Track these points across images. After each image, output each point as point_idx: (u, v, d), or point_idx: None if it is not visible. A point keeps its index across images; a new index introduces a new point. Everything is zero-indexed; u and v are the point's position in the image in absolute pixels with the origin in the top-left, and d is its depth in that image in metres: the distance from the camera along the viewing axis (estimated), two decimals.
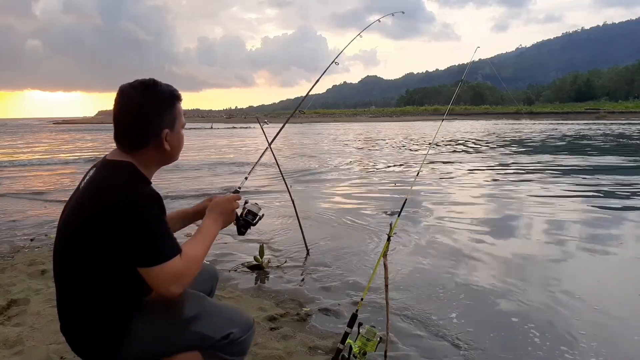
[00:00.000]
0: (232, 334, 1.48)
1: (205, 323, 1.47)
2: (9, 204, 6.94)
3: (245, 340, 1.52)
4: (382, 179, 9.25)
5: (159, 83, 1.48)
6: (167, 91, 1.48)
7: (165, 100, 1.47)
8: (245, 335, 1.52)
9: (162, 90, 1.47)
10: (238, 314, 1.58)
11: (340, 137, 27.99)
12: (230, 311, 1.59)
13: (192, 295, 1.53)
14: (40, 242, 4.62)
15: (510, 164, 11.70)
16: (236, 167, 12.19)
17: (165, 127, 1.46)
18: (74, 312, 1.42)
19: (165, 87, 1.49)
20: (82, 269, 1.37)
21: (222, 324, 1.49)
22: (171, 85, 1.53)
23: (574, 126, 37.74)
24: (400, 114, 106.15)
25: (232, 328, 1.49)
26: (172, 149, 1.51)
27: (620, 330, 2.69)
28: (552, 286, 3.33)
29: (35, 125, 66.71)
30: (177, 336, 1.45)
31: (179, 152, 1.56)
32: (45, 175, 10.81)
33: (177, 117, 1.50)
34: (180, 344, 1.45)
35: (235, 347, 1.50)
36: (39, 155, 16.79)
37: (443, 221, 5.42)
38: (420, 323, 2.74)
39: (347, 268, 3.75)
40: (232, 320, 1.52)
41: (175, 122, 1.50)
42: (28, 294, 3.07)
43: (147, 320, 1.44)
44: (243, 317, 1.57)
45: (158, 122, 1.45)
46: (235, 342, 1.49)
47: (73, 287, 1.41)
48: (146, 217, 1.32)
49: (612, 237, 4.70)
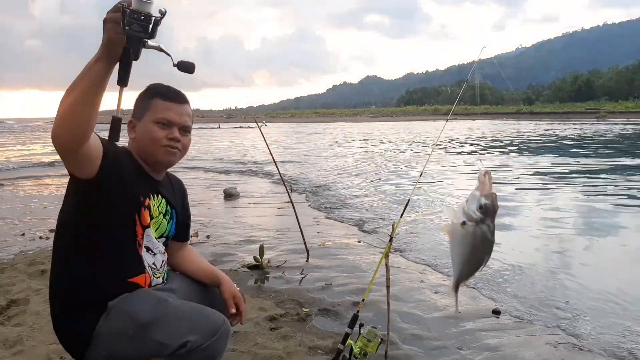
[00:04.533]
0: (189, 343, 1.39)
1: (162, 330, 1.42)
2: (9, 203, 6.94)
3: (208, 347, 1.43)
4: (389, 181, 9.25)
5: (157, 84, 1.64)
6: (150, 87, 1.63)
7: (143, 93, 1.63)
8: (208, 341, 1.42)
9: (150, 86, 1.63)
10: (202, 319, 1.49)
11: (341, 140, 27.94)
12: (194, 315, 1.50)
13: (153, 299, 1.50)
14: (41, 242, 4.61)
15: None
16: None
17: (133, 117, 1.62)
18: (52, 307, 1.57)
19: (154, 85, 1.64)
20: (57, 255, 1.55)
21: (180, 331, 1.42)
22: (172, 86, 1.64)
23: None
24: (401, 114, 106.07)
25: (189, 336, 1.41)
26: (137, 138, 1.61)
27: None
28: (556, 288, 3.32)
29: (39, 126, 66.69)
30: (136, 343, 1.44)
31: (149, 143, 1.58)
32: (52, 175, 10.81)
33: (149, 110, 1.59)
34: (140, 350, 1.45)
35: (196, 355, 1.41)
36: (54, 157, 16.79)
37: (446, 220, 5.41)
38: (421, 323, 2.73)
39: (347, 268, 3.75)
40: (192, 327, 1.44)
41: (145, 114, 1.59)
42: (28, 294, 3.06)
43: (108, 324, 1.47)
44: (209, 322, 1.48)
45: (133, 111, 1.63)
46: (196, 350, 1.41)
47: (51, 282, 1.57)
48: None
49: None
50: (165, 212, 1.72)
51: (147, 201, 1.61)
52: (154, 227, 1.66)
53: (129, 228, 1.56)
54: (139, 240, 1.59)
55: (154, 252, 1.66)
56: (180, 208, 1.81)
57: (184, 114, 1.62)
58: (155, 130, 1.56)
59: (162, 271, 1.72)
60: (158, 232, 1.69)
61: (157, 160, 1.61)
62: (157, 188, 1.68)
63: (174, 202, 1.77)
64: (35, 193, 7.99)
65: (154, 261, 1.67)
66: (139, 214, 1.57)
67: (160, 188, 1.70)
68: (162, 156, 1.60)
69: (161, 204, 1.69)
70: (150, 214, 1.63)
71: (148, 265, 1.63)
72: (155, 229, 1.66)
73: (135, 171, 1.60)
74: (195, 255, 1.91)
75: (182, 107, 1.62)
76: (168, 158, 1.61)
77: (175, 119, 1.59)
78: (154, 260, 1.66)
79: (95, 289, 1.50)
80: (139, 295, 1.53)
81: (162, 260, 1.72)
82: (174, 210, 1.77)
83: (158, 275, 1.68)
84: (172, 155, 1.61)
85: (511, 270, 3.67)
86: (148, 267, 1.63)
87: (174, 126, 1.59)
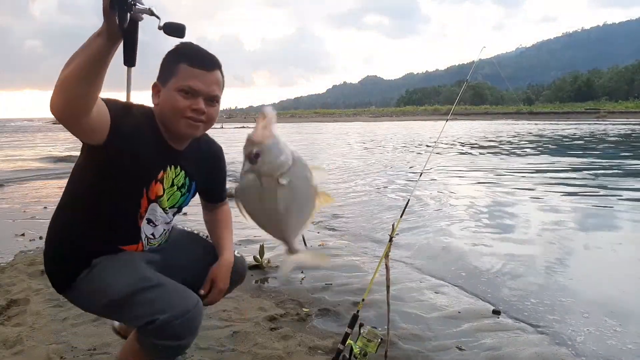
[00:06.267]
0: (157, 320, 1.38)
1: (136, 305, 1.44)
2: (9, 203, 6.93)
3: (178, 325, 1.40)
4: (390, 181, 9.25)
5: (186, 43, 1.48)
6: (178, 47, 1.48)
7: (170, 53, 1.49)
8: (177, 320, 1.39)
9: (178, 46, 1.48)
10: (175, 299, 1.45)
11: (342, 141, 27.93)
12: (167, 295, 1.47)
13: (133, 273, 1.51)
14: (41, 242, 4.61)
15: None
16: None
17: (158, 80, 1.51)
18: (45, 247, 1.62)
19: (182, 45, 1.48)
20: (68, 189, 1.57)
21: (152, 308, 1.41)
22: (203, 49, 1.50)
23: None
24: (400, 114, 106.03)
25: (159, 314, 1.39)
26: (160, 105, 1.50)
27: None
28: (556, 288, 3.32)
29: (43, 126, 66.67)
30: (107, 309, 1.53)
31: (170, 113, 1.47)
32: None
33: (175, 75, 1.45)
34: (109, 315, 1.57)
35: (165, 332, 1.39)
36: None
37: (447, 221, 5.41)
38: (421, 323, 2.73)
39: (347, 268, 3.75)
40: (164, 306, 1.42)
41: (170, 79, 1.46)
42: (28, 294, 3.06)
43: (87, 282, 1.51)
44: (181, 302, 1.45)
45: (158, 74, 1.51)
46: (164, 326, 1.39)
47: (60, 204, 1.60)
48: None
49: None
50: (181, 184, 1.66)
51: (160, 174, 1.55)
52: (167, 197, 1.62)
53: (133, 200, 1.53)
54: (141, 213, 1.57)
55: (155, 223, 1.64)
56: (205, 176, 1.74)
57: (212, 83, 1.48)
58: (178, 99, 1.44)
59: (160, 240, 1.72)
60: (170, 203, 1.65)
61: (177, 131, 1.51)
62: (177, 159, 1.60)
63: (197, 172, 1.69)
64: (35, 193, 7.98)
65: (153, 232, 1.65)
66: (147, 188, 1.53)
67: (181, 159, 1.61)
68: (183, 128, 1.49)
69: (178, 176, 1.63)
70: (163, 187, 1.58)
71: (145, 236, 1.63)
72: (167, 199, 1.62)
73: (154, 141, 1.51)
74: (218, 221, 1.86)
75: (211, 75, 1.48)
76: (189, 131, 1.51)
77: (201, 88, 1.46)
78: (153, 231, 1.65)
79: (85, 245, 1.54)
80: (120, 264, 1.54)
81: (164, 229, 1.70)
82: (193, 182, 1.70)
83: (154, 244, 1.68)
84: (195, 128, 1.50)
85: (511, 271, 3.67)
86: (144, 238, 1.63)
87: (199, 96, 1.46)
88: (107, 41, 1.09)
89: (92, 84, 1.14)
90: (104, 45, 1.10)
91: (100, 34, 1.09)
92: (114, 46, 1.12)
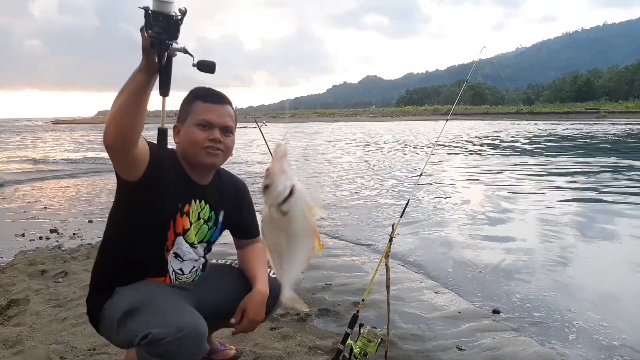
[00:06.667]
0: (150, 334, 1.38)
1: (135, 319, 1.47)
2: (9, 203, 6.93)
3: (168, 343, 1.38)
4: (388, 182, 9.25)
5: (199, 87, 1.67)
6: (192, 90, 1.66)
7: (186, 97, 1.66)
8: (168, 337, 1.38)
9: (192, 90, 1.66)
10: (173, 316, 1.45)
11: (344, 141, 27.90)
12: (168, 311, 1.47)
13: (144, 290, 1.57)
14: (41, 242, 4.61)
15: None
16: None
17: (177, 122, 1.65)
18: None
19: (195, 89, 1.66)
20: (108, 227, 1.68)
21: (148, 323, 1.42)
22: (213, 88, 1.67)
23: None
24: (400, 114, 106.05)
25: (153, 328, 1.39)
26: (181, 142, 1.63)
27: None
28: (558, 288, 3.32)
29: (47, 126, 66.68)
30: (120, 329, 1.53)
31: (190, 146, 1.60)
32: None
33: (192, 113, 1.61)
34: (122, 337, 1.53)
35: (156, 349, 1.38)
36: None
37: (447, 221, 5.41)
38: (421, 323, 2.73)
39: (347, 268, 3.75)
40: (160, 321, 1.42)
41: (187, 118, 1.61)
42: (28, 294, 3.06)
43: (109, 307, 1.59)
44: (178, 320, 1.44)
45: (177, 117, 1.65)
46: (156, 344, 1.38)
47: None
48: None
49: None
50: (207, 218, 1.74)
51: (186, 207, 1.65)
52: (194, 231, 1.70)
53: (160, 233, 1.62)
54: (167, 245, 1.65)
55: (182, 258, 1.70)
56: (232, 210, 1.81)
57: (224, 115, 1.63)
58: (196, 132, 1.59)
59: (191, 277, 1.75)
60: (198, 237, 1.73)
61: (199, 163, 1.62)
62: (201, 193, 1.70)
63: (221, 206, 1.78)
64: (35, 193, 7.98)
65: (181, 267, 1.71)
66: (174, 220, 1.63)
67: (205, 193, 1.71)
68: (204, 158, 1.61)
69: (204, 209, 1.72)
70: (190, 220, 1.67)
71: (172, 270, 1.69)
72: (195, 233, 1.71)
73: (178, 176, 1.63)
74: (250, 257, 1.86)
75: (222, 108, 1.63)
76: (210, 160, 1.62)
77: (216, 120, 1.60)
78: (181, 266, 1.70)
79: (115, 278, 1.62)
80: (136, 286, 1.61)
81: (193, 266, 1.75)
82: (220, 216, 1.78)
83: (183, 280, 1.71)
84: (214, 156, 1.62)
85: (511, 271, 3.67)
86: (172, 272, 1.68)
87: (215, 127, 1.60)
88: (147, 75, 1.25)
89: (137, 115, 1.29)
90: (145, 79, 1.25)
91: (140, 70, 1.25)
92: (152, 79, 1.27)
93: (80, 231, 4.98)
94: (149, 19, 1.14)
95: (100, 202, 6.95)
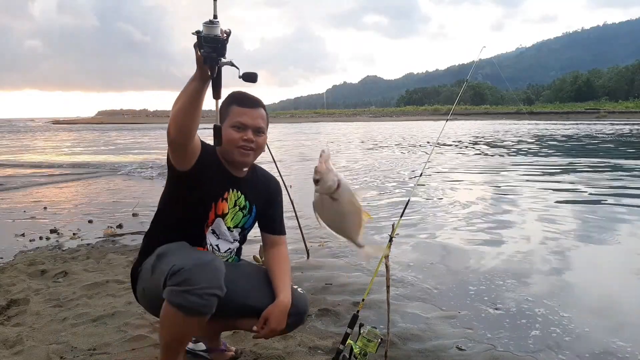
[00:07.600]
0: (174, 266, 1.59)
1: (165, 260, 1.69)
2: (9, 203, 6.94)
3: (187, 272, 1.57)
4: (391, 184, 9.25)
5: (235, 92, 1.89)
6: (230, 95, 1.88)
7: (224, 101, 1.85)
8: (187, 267, 1.58)
9: (230, 94, 1.87)
10: (194, 255, 1.68)
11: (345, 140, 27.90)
12: (193, 253, 1.73)
13: (179, 243, 1.80)
14: (41, 242, 4.62)
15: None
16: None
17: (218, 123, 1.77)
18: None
19: (232, 93, 1.88)
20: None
21: (176, 261, 1.61)
22: (248, 93, 1.89)
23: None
24: (400, 113, 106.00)
25: (176, 262, 1.60)
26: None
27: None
28: (559, 288, 3.32)
29: (51, 126, 66.67)
30: (155, 274, 1.71)
31: (227, 145, 1.80)
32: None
33: (229, 115, 1.83)
34: (156, 283, 1.66)
35: (177, 278, 1.58)
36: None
37: (447, 221, 5.41)
38: (422, 323, 2.74)
39: (347, 268, 3.75)
40: (184, 257, 1.63)
41: (226, 119, 1.82)
42: (28, 294, 3.06)
43: (147, 262, 1.81)
44: (197, 256, 1.67)
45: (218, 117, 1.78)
46: (177, 273, 1.58)
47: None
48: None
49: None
50: (243, 206, 1.97)
51: (225, 194, 1.90)
52: (230, 216, 1.94)
53: (203, 212, 1.86)
54: (208, 222, 1.88)
55: (219, 236, 1.94)
56: (262, 203, 2.04)
57: (257, 117, 1.86)
58: (232, 133, 1.82)
59: (226, 256, 1.97)
60: (233, 222, 1.96)
61: (233, 160, 1.86)
62: (237, 184, 1.94)
63: (255, 197, 2.01)
64: (35, 194, 7.99)
65: (218, 243, 1.94)
66: (216, 203, 1.87)
67: (241, 185, 1.95)
68: (237, 156, 1.85)
69: (239, 198, 1.95)
70: (228, 206, 1.91)
71: (210, 243, 1.91)
72: (231, 218, 1.94)
73: (218, 168, 1.88)
74: (275, 264, 2.00)
75: (255, 111, 1.85)
76: (242, 159, 1.86)
77: (249, 122, 1.83)
78: (217, 242, 1.94)
79: (160, 243, 1.82)
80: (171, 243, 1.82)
81: (228, 247, 1.98)
82: (253, 206, 2.00)
83: (218, 256, 1.89)
84: (246, 156, 1.86)
85: (512, 270, 3.67)
86: (209, 245, 1.91)
87: (248, 129, 1.83)
88: (201, 83, 1.49)
89: (193, 115, 1.56)
90: (199, 86, 1.50)
91: (195, 79, 1.49)
92: (205, 87, 1.51)
93: (80, 231, 4.98)
94: (200, 41, 1.38)
95: (101, 203, 6.96)
